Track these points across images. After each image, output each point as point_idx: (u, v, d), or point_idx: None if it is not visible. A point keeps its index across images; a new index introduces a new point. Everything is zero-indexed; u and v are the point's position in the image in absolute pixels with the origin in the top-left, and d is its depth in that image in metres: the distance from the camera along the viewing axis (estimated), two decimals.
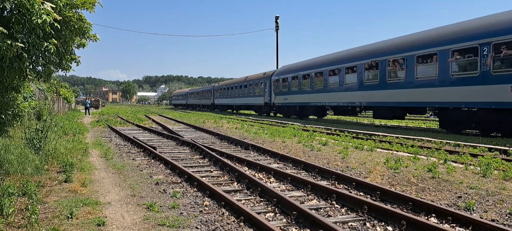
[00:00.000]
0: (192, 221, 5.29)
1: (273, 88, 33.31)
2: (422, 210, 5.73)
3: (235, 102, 45.32)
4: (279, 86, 32.07)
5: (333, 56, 25.41)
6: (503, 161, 8.79)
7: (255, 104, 38.80)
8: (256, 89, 38.12)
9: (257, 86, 37.94)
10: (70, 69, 7.97)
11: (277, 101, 32.39)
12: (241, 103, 43.43)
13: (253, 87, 38.91)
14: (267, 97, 34.90)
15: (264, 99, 35.53)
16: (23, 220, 4.99)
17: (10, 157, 7.72)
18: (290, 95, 29.90)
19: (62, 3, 6.66)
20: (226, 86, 50.52)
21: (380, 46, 20.88)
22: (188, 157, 11.01)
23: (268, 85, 34.66)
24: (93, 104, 67.72)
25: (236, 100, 44.92)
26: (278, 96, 32.24)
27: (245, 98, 41.45)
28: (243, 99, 42.42)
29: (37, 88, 21.39)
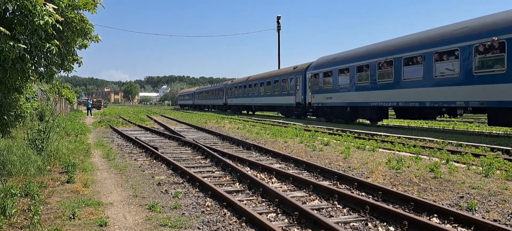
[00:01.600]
0: (194, 222, 5.30)
1: (309, 84, 26.91)
2: (424, 210, 5.72)
3: (255, 102, 38.96)
4: (318, 82, 25.73)
5: (410, 39, 18.82)
6: (506, 160, 8.77)
7: (282, 105, 32.68)
8: (284, 86, 31.86)
9: (285, 83, 31.70)
10: (72, 70, 7.99)
11: (315, 100, 26.05)
12: (263, 104, 37.10)
13: (280, 84, 32.61)
14: (300, 96, 28.64)
15: (296, 99, 29.32)
16: (25, 220, 5.00)
17: (12, 158, 7.75)
18: (336, 93, 23.83)
19: (64, 5, 6.69)
20: (242, 83, 43.48)
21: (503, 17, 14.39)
22: (190, 157, 11.02)
23: (302, 81, 28.39)
24: (95, 105, 67.83)
25: (255, 100, 38.63)
26: (316, 94, 25.82)
27: (269, 97, 35.26)
28: (265, 98, 36.12)
29: (39, 89, 21.46)
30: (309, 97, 27.13)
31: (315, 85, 26.20)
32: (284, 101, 31.89)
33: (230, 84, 49.14)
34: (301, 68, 29.23)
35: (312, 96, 26.58)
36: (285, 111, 33.43)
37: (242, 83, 43.32)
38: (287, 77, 31.54)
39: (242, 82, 43.81)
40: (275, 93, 33.75)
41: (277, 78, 33.59)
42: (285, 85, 31.74)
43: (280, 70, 35.08)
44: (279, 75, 33.50)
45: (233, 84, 47.28)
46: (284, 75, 32.32)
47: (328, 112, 25.53)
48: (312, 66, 27.38)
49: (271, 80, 34.83)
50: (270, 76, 35.86)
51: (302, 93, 28.37)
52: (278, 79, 33.24)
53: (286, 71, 32.63)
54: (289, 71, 31.64)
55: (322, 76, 25.51)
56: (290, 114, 31.78)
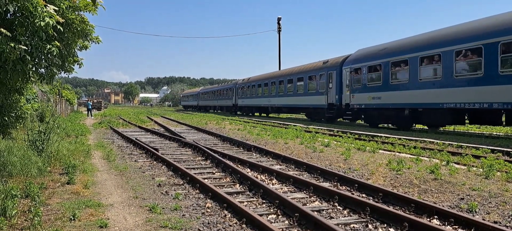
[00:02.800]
0: (194, 223, 5.30)
1: (347, 82, 22.75)
2: (424, 212, 5.72)
3: (272, 103, 34.40)
4: (360, 78, 21.49)
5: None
6: (506, 162, 8.76)
7: (308, 106, 28.04)
8: (311, 84, 27.41)
9: (312, 81, 27.24)
10: (73, 71, 8.00)
11: (356, 101, 21.86)
12: (283, 105, 32.59)
13: (305, 82, 28.17)
14: (333, 96, 24.33)
15: (328, 99, 24.97)
16: (26, 222, 5.01)
17: (13, 159, 7.76)
18: (388, 92, 19.39)
19: (64, 6, 6.70)
20: (256, 82, 38.68)
21: None
22: (191, 159, 11.02)
23: (336, 78, 24.14)
24: (96, 106, 67.88)
25: (273, 101, 34.14)
26: (358, 94, 21.72)
27: (290, 97, 30.73)
28: (286, 99, 31.62)
29: (40, 90, 21.48)
30: (346, 97, 22.74)
31: (356, 83, 21.77)
32: (311, 102, 27.26)
33: (241, 83, 43.94)
34: (334, 63, 24.79)
35: (351, 96, 22.13)
36: (312, 114, 28.42)
37: (257, 81, 38.61)
38: (315, 74, 26.80)
39: (256, 80, 39.04)
40: (298, 92, 29.29)
41: (302, 75, 28.83)
42: (312, 83, 27.18)
43: (306, 65, 29.73)
44: (305, 71, 28.66)
45: (246, 83, 42.13)
46: (311, 71, 27.52)
47: (374, 115, 20.99)
48: (351, 59, 22.86)
49: (293, 78, 30.13)
50: (292, 73, 31.03)
51: (337, 92, 23.88)
52: (303, 76, 28.54)
53: (313, 66, 27.73)
54: (317, 67, 26.89)
55: (366, 71, 20.91)
56: (318, 117, 27.15)
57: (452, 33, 16.42)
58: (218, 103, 53.11)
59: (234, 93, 45.34)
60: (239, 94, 43.77)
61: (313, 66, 27.94)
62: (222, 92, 51.22)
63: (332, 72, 24.72)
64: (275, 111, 36.44)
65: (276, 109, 35.49)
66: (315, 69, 27.11)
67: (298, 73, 29.92)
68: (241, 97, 42.94)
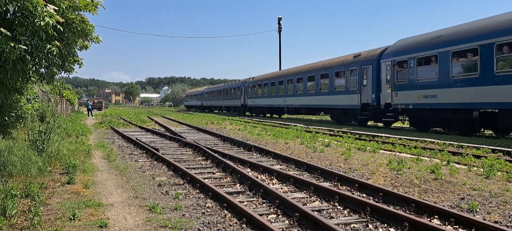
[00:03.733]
0: (194, 223, 5.30)
1: (388, 77, 19.31)
2: (425, 212, 5.72)
3: (288, 103, 30.92)
4: (406, 73, 18.13)
5: None
6: (507, 162, 8.74)
7: (336, 107, 24.36)
8: (338, 82, 24.04)
9: (340, 77, 23.84)
10: (73, 71, 7.99)
11: (400, 100, 18.42)
12: (302, 105, 28.82)
13: (331, 79, 24.65)
14: (369, 95, 21.02)
15: (361, 98, 21.59)
16: (26, 221, 5.00)
17: (13, 159, 7.76)
18: (446, 89, 15.91)
19: (64, 6, 6.69)
20: (269, 80, 35.21)
21: None
22: (191, 159, 11.02)
23: (372, 73, 20.76)
24: (96, 106, 67.96)
25: (290, 101, 30.70)
26: (403, 91, 18.25)
27: (312, 97, 27.02)
28: (306, 98, 27.95)
29: (40, 90, 21.49)
30: (386, 95, 19.37)
31: (401, 79, 18.43)
32: (339, 101, 23.74)
33: (251, 81, 40.17)
34: (369, 56, 21.49)
35: (393, 95, 18.81)
36: (340, 115, 24.84)
37: (270, 79, 35.13)
38: (344, 70, 23.28)
39: (269, 78, 35.46)
40: (322, 91, 25.70)
41: (327, 71, 25.27)
42: (340, 80, 23.72)
43: (331, 60, 25.90)
44: (330, 67, 25.01)
45: (256, 82, 38.36)
46: (339, 67, 23.94)
47: (425, 117, 17.71)
48: (393, 51, 19.46)
49: (315, 75, 26.56)
50: (313, 69, 27.33)
51: (373, 91, 20.55)
52: (329, 72, 24.90)
53: (341, 61, 24.15)
54: (347, 61, 23.35)
55: (414, 64, 17.57)
56: (347, 119, 23.92)
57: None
58: (224, 103, 49.64)
59: (243, 92, 41.90)
60: (248, 94, 40.37)
61: (340, 61, 24.29)
62: (229, 91, 47.72)
63: (366, 67, 21.19)
64: (292, 113, 32.57)
65: (293, 110, 31.58)
66: (344, 64, 23.41)
67: (321, 69, 26.18)
68: (251, 97, 39.44)
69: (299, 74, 29.37)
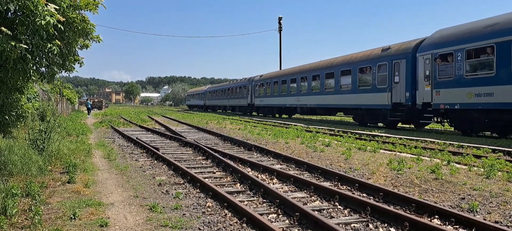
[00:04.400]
0: (194, 222, 5.30)
1: (427, 73, 16.76)
2: (425, 212, 5.72)
3: (302, 102, 28.15)
4: (451, 68, 15.71)
5: None
6: (507, 162, 8.74)
7: (360, 107, 21.79)
8: (362, 78, 21.46)
9: (364, 74, 21.32)
10: (74, 70, 7.99)
11: (443, 99, 15.97)
12: (318, 105, 26.16)
13: (354, 76, 22.08)
14: (401, 93, 18.51)
15: (392, 97, 19.06)
16: (26, 220, 5.01)
17: (13, 158, 7.76)
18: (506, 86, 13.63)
19: (65, 5, 6.69)
20: (280, 77, 32.76)
21: None
22: (191, 158, 11.02)
23: (405, 69, 18.30)
24: (97, 105, 68.05)
25: (304, 100, 27.88)
26: (447, 89, 15.87)
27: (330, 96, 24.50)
28: (323, 97, 25.38)
29: (41, 89, 21.51)
30: (424, 94, 16.96)
31: (444, 74, 16.02)
32: (364, 101, 21.24)
33: (259, 79, 37.62)
34: (401, 49, 18.99)
35: (434, 93, 16.46)
36: (365, 117, 22.04)
37: (280, 77, 32.70)
38: (370, 65, 20.83)
39: (280, 76, 33.19)
40: (343, 89, 23.27)
41: (349, 66, 22.78)
42: (366, 76, 21.20)
43: (354, 55, 23.24)
44: (353, 63, 22.48)
45: (265, 80, 35.92)
46: (364, 62, 21.39)
47: (477, 119, 15.29)
48: (432, 42, 16.95)
49: (335, 71, 23.99)
50: (332, 65, 24.79)
51: (408, 89, 18.10)
52: (351, 68, 22.45)
53: (367, 55, 21.55)
54: (374, 55, 20.82)
55: (462, 57, 15.20)
56: (374, 120, 21.46)
57: None
58: (229, 103, 47.17)
59: (250, 91, 39.31)
60: (256, 93, 37.76)
61: (366, 55, 21.68)
62: (234, 90, 45.02)
63: (398, 62, 18.77)
64: (306, 113, 29.59)
65: (307, 111, 28.63)
66: (370, 59, 20.90)
67: (342, 65, 23.59)
68: (259, 96, 36.90)
69: (315, 71, 26.61)
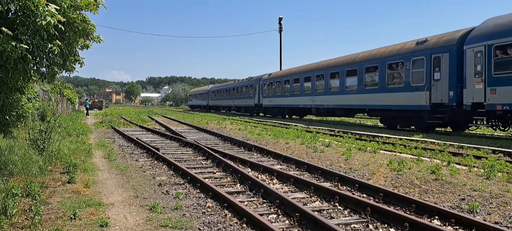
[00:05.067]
0: (194, 222, 5.30)
1: (479, 68, 14.61)
2: (425, 212, 5.72)
3: (318, 103, 25.93)
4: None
5: None
6: (507, 163, 8.74)
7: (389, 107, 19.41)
8: (393, 75, 19.21)
9: (396, 70, 18.96)
10: (74, 70, 8.00)
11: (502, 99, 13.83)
12: (337, 105, 23.84)
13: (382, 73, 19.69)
14: (443, 92, 16.18)
15: (432, 96, 16.66)
16: (26, 220, 5.01)
17: (14, 158, 7.77)
18: None
19: (66, 5, 6.70)
20: (291, 76, 30.45)
21: None
22: (191, 158, 11.03)
23: (448, 64, 15.97)
24: (97, 105, 68.06)
25: (320, 100, 25.67)
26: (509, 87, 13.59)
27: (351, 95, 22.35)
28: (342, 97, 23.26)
29: (41, 89, 21.51)
30: (475, 92, 14.66)
31: (502, 69, 13.82)
32: (394, 101, 18.87)
33: (267, 78, 35.45)
34: (443, 41, 16.59)
35: (489, 92, 14.16)
36: (394, 118, 19.83)
37: (292, 75, 30.28)
38: (402, 60, 18.38)
39: (292, 74, 30.71)
40: (368, 88, 20.93)
41: (375, 62, 20.38)
42: (396, 73, 19.00)
43: (381, 49, 20.86)
44: (381, 58, 19.99)
45: (275, 78, 33.73)
46: (395, 57, 18.95)
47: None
48: (485, 33, 14.63)
49: (359, 68, 21.60)
50: (354, 61, 22.33)
51: (451, 87, 15.79)
52: (379, 64, 20.01)
53: (398, 49, 19.10)
54: (407, 49, 18.41)
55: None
56: (406, 122, 19.24)
57: None
58: (234, 103, 45.15)
59: (257, 91, 37.16)
60: (264, 92, 35.66)
61: (396, 49, 19.22)
62: (240, 90, 42.73)
63: (439, 56, 16.38)
64: (323, 114, 27.11)
65: (324, 112, 26.26)
66: (403, 53, 18.49)
67: (366, 61, 21.19)
68: (268, 95, 34.78)
69: (334, 68, 24.13)
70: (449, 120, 16.59)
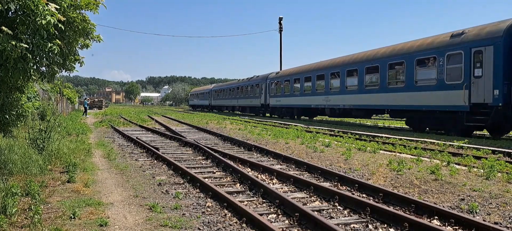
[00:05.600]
0: (194, 222, 5.30)
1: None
2: (424, 212, 5.72)
3: (332, 103, 24.08)
4: None
5: None
6: (507, 163, 8.74)
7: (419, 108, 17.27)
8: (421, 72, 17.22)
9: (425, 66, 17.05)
10: (74, 69, 7.99)
11: None
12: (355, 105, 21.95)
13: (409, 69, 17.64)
14: (488, 90, 14.24)
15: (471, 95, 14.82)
16: (26, 220, 5.01)
17: (13, 157, 7.77)
18: None
19: (66, 4, 6.69)
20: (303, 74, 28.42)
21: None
22: (191, 158, 11.03)
23: (494, 58, 14.06)
24: (97, 104, 68.06)
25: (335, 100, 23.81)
26: None
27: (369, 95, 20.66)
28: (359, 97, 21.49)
29: (41, 89, 21.50)
30: None
31: None
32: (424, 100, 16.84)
33: (275, 76, 33.54)
34: (485, 33, 14.68)
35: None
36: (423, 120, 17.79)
37: (304, 73, 28.18)
38: (434, 55, 16.40)
39: (303, 72, 28.54)
40: (391, 86, 19.07)
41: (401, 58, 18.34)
42: (426, 70, 16.98)
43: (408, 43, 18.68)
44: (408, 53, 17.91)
45: (283, 77, 31.86)
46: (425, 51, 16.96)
47: None
48: None
49: (381, 64, 19.64)
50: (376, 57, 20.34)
51: (497, 85, 13.91)
52: (405, 60, 17.92)
53: (428, 43, 17.02)
54: (440, 43, 16.37)
55: None
56: (438, 124, 16.97)
57: None
58: (239, 103, 43.30)
59: (264, 90, 35.22)
60: (271, 92, 33.73)
61: (427, 43, 17.18)
62: (245, 89, 40.80)
63: (481, 50, 14.48)
64: (338, 115, 25.35)
65: (340, 112, 24.46)
66: (435, 47, 16.48)
67: (390, 56, 19.18)
68: (275, 95, 32.94)
69: (352, 66, 22.35)
70: (493, 122, 14.47)
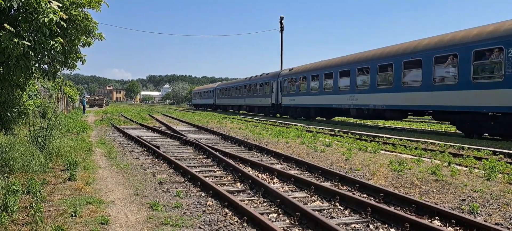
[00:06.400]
0: (195, 221, 5.30)
1: None
2: (425, 213, 5.72)
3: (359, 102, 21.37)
4: None
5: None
6: (508, 164, 8.74)
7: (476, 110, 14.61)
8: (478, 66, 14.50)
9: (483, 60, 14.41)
10: (76, 68, 8.01)
11: None
12: (387, 105, 19.30)
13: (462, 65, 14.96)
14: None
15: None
16: (27, 217, 5.02)
17: (15, 155, 7.78)
18: None
19: (68, 2, 6.70)
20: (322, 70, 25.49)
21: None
22: (192, 157, 11.03)
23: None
24: (97, 102, 68.07)
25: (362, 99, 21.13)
26: None
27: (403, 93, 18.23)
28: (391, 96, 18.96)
29: (42, 86, 21.52)
30: None
31: None
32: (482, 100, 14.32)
33: (288, 73, 30.90)
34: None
35: None
36: (480, 124, 15.12)
37: (323, 69, 25.29)
38: (499, 46, 13.63)
39: (323, 68, 25.55)
40: (438, 84, 16.29)
41: (449, 51, 15.69)
42: (485, 65, 14.46)
43: (456, 34, 16.05)
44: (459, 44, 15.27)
45: (298, 73, 29.02)
46: (484, 42, 14.25)
47: None
48: None
49: (423, 58, 16.89)
50: (416, 50, 17.52)
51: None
52: (456, 52, 15.28)
53: (489, 32, 14.31)
54: (505, 31, 13.61)
55: None
56: (499, 129, 14.45)
57: None
58: (246, 102, 40.40)
59: (275, 88, 32.50)
60: (284, 90, 30.96)
61: (487, 31, 14.38)
62: (253, 87, 38.16)
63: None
64: (366, 116, 22.01)
65: (369, 113, 21.20)
66: (500, 37, 13.67)
67: (436, 49, 16.39)
68: (288, 94, 30.17)
69: (384, 60, 19.52)
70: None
